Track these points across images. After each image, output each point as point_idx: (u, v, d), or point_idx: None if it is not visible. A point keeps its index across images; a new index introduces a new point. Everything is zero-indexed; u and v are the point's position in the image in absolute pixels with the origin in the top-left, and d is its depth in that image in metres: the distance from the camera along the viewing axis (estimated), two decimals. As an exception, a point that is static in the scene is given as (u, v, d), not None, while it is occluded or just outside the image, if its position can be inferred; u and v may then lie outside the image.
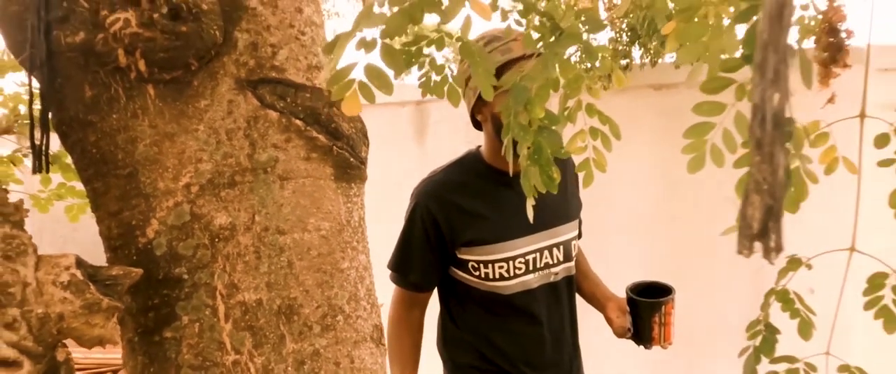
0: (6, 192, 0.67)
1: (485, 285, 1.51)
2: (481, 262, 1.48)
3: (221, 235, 0.91)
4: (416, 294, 1.57)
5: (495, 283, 1.50)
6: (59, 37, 0.88)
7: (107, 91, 0.90)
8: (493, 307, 1.53)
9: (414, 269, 1.53)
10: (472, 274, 1.51)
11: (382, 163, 2.24)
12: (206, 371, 0.90)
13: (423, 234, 1.48)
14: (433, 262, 1.52)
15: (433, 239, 1.48)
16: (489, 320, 1.55)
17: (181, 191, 0.91)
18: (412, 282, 1.55)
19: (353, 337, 0.99)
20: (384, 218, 1.76)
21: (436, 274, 1.55)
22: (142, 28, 0.86)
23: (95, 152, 0.92)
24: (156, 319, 0.90)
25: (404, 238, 1.53)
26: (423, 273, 1.54)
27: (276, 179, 0.94)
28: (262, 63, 0.95)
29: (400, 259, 1.55)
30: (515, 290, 1.51)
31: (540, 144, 0.72)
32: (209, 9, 0.89)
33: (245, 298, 0.91)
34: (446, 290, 1.61)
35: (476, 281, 1.51)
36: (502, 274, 1.49)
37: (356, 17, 0.57)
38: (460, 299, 1.58)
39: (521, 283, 1.51)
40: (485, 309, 1.54)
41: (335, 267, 0.98)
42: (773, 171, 0.36)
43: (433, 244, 1.49)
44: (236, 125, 0.93)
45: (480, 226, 1.47)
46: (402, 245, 1.54)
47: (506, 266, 1.48)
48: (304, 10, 1.02)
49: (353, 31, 0.57)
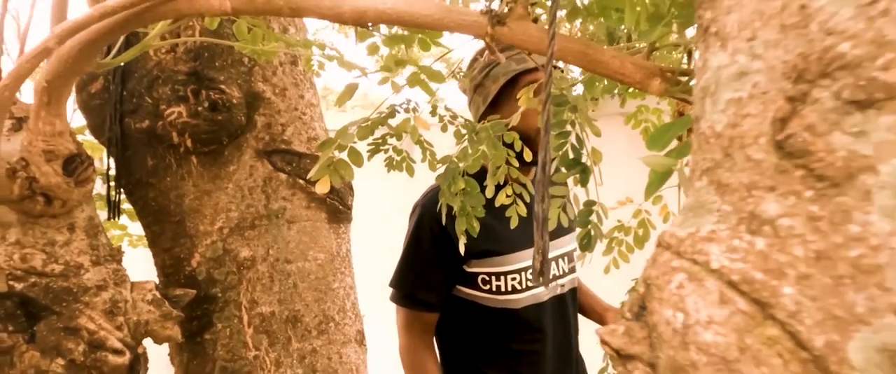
0: (112, 243, 1.02)
1: (495, 300, 1.42)
2: (493, 274, 1.40)
3: (245, 264, 1.26)
4: (427, 315, 1.44)
5: (507, 296, 1.41)
6: (129, 123, 1.24)
7: (163, 161, 1.25)
8: (501, 325, 1.44)
9: (424, 286, 1.42)
10: (482, 289, 1.42)
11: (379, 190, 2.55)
12: (234, 363, 1.24)
13: (432, 247, 1.38)
14: (443, 279, 1.41)
15: (443, 252, 1.38)
16: (494, 341, 1.45)
17: (216, 233, 1.25)
18: (422, 300, 1.42)
19: (341, 339, 1.34)
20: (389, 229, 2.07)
21: (445, 292, 1.44)
22: (190, 118, 1.21)
23: (154, 205, 1.26)
24: (198, 326, 1.24)
25: (411, 255, 1.43)
26: (436, 290, 1.42)
27: (285, 223, 1.29)
28: (274, 138, 1.30)
29: (408, 278, 1.43)
30: (526, 303, 1.43)
31: (463, 203, 1.07)
32: (237, 102, 1.24)
33: (263, 310, 1.26)
34: (443, 317, 1.49)
35: (486, 297, 1.42)
36: (514, 287, 1.41)
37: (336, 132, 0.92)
38: (461, 323, 1.48)
39: (532, 295, 1.44)
40: (491, 329, 1.45)
41: (328, 287, 1.33)
42: (543, 215, 0.70)
43: (443, 258, 1.39)
44: (256, 183, 1.28)
45: (492, 236, 1.38)
46: (410, 263, 1.43)
47: (518, 278, 1.41)
48: (305, 95, 1.37)
49: (336, 140, 0.92)
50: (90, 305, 0.93)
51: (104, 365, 0.92)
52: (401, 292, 1.45)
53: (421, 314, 1.45)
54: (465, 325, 1.47)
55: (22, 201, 0.89)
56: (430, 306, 1.44)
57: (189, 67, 1.22)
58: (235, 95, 1.24)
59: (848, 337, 0.26)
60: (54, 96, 0.88)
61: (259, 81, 1.28)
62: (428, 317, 1.46)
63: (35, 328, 0.89)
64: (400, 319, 1.48)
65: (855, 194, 0.26)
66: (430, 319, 1.46)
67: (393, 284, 1.47)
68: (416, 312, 1.45)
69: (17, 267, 0.89)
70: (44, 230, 0.92)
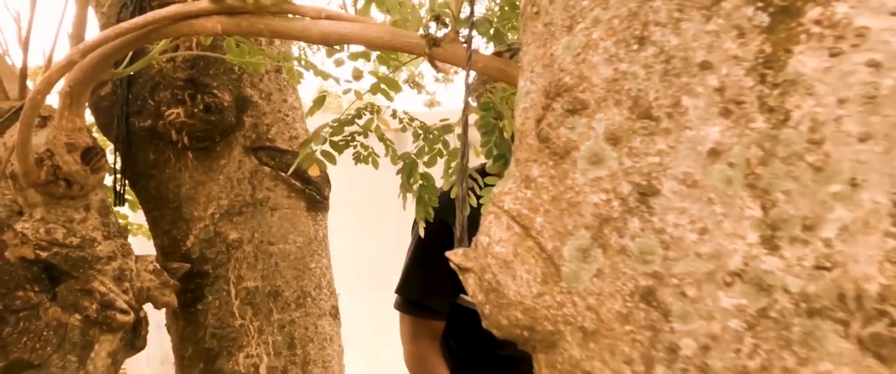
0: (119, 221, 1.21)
1: None
2: None
3: (233, 245, 1.45)
4: (435, 323, 1.38)
5: None
6: (134, 122, 1.43)
7: (163, 156, 1.44)
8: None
9: (434, 293, 1.36)
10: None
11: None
12: (222, 330, 1.43)
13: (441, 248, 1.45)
14: (451, 285, 1.35)
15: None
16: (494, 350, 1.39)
17: (208, 217, 1.45)
18: (431, 307, 1.36)
19: (317, 312, 1.53)
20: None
21: (452, 299, 1.38)
22: (187, 118, 1.41)
23: (155, 193, 1.45)
24: (192, 297, 1.43)
25: (417, 259, 1.40)
26: (445, 296, 1.36)
27: (268, 210, 1.48)
28: (260, 136, 1.49)
29: (417, 285, 1.38)
30: None
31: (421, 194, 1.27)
32: (228, 105, 1.44)
33: (248, 285, 1.45)
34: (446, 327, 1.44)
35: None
36: None
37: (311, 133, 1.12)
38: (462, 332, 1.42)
39: None
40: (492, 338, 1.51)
41: (306, 266, 1.52)
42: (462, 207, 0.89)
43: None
44: (243, 176, 1.47)
45: None
46: (417, 267, 1.38)
47: None
48: (288, 99, 1.57)
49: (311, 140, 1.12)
50: (102, 272, 1.12)
51: (113, 321, 1.11)
52: (409, 298, 1.38)
53: (428, 322, 1.38)
54: (466, 334, 1.41)
55: (47, 185, 1.08)
56: (438, 314, 1.37)
57: (187, 74, 1.41)
58: (227, 99, 1.44)
59: (564, 243, 0.45)
60: (76, 99, 1.08)
61: (247, 87, 1.48)
62: (436, 325, 1.39)
63: (56, 289, 1.08)
64: (406, 328, 1.40)
65: (569, 162, 0.45)
66: (438, 327, 1.39)
67: (400, 290, 1.40)
68: (424, 320, 1.38)
69: (42, 239, 1.08)
70: (64, 210, 1.12)
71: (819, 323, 0.38)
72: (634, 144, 0.43)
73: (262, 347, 1.43)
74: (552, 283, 0.46)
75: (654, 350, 0.42)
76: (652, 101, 0.42)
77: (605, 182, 0.44)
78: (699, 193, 0.41)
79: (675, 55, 0.42)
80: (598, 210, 0.44)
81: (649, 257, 0.42)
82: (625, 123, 0.43)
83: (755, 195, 0.40)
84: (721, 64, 0.41)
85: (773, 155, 0.39)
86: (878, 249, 0.36)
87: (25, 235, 1.07)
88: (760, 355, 0.40)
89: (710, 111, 0.41)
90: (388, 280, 2.36)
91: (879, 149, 0.36)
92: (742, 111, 0.40)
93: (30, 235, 1.07)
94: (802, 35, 0.39)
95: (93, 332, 1.09)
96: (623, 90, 0.43)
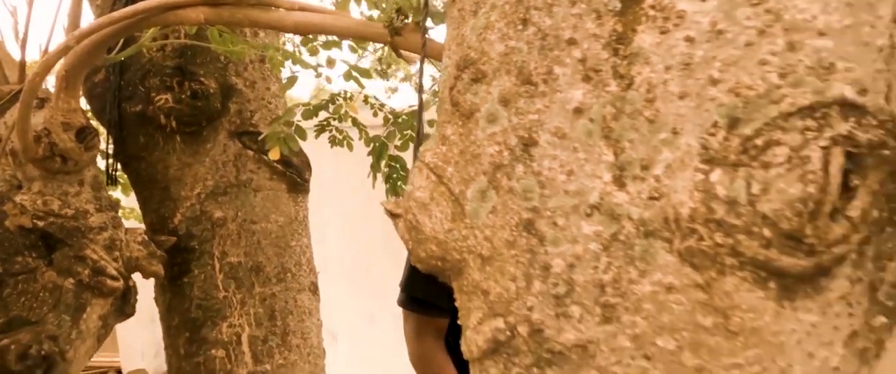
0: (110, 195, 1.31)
1: None
2: None
3: (218, 223, 1.55)
4: (440, 320, 1.34)
5: None
6: (126, 107, 1.53)
7: (152, 139, 1.54)
8: None
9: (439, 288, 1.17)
10: None
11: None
12: (207, 302, 1.53)
13: None
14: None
15: None
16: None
17: (195, 197, 1.55)
18: (436, 304, 1.31)
19: (296, 287, 1.63)
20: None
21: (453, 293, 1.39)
22: (175, 103, 1.51)
23: (145, 175, 1.56)
24: (179, 271, 1.53)
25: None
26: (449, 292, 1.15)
27: (251, 191, 1.59)
28: (244, 122, 1.60)
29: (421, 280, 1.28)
30: None
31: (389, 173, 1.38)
32: (214, 92, 1.54)
33: (231, 260, 1.55)
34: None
35: None
36: None
37: (284, 111, 1.23)
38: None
39: None
40: None
41: (286, 244, 1.62)
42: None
43: None
44: (228, 158, 1.57)
45: None
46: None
47: None
48: (271, 87, 1.67)
49: (285, 117, 1.22)
50: (94, 241, 1.23)
51: (104, 286, 1.22)
52: (413, 295, 1.33)
53: (433, 319, 1.34)
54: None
55: (44, 160, 1.19)
56: (442, 311, 1.31)
57: (175, 62, 1.51)
58: (213, 86, 1.54)
59: (468, 187, 0.56)
60: (71, 82, 1.18)
61: (232, 75, 1.58)
62: (441, 322, 1.34)
63: (52, 256, 1.19)
64: (410, 326, 1.36)
65: (473, 122, 0.56)
66: (442, 324, 1.34)
67: (403, 286, 1.36)
68: (429, 317, 1.34)
69: (39, 210, 1.18)
70: (60, 184, 1.22)
71: (652, 242, 0.49)
72: (520, 104, 0.53)
73: (244, 317, 1.53)
74: (459, 220, 0.57)
75: (533, 269, 0.53)
76: (532, 70, 0.53)
77: (498, 136, 0.54)
78: (567, 143, 0.52)
79: (549, 33, 0.52)
80: (492, 159, 0.55)
81: (530, 195, 0.53)
82: (513, 88, 0.54)
83: (609, 144, 0.50)
84: (583, 40, 0.51)
85: (622, 112, 0.50)
86: (690, 181, 0.47)
87: (24, 206, 1.17)
88: (612, 270, 0.50)
89: (575, 78, 0.51)
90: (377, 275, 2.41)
91: (693, 104, 0.47)
92: (599, 78, 0.51)
93: (28, 206, 1.18)
94: (643, 17, 0.49)
95: (85, 295, 1.19)
96: (512, 62, 0.54)
